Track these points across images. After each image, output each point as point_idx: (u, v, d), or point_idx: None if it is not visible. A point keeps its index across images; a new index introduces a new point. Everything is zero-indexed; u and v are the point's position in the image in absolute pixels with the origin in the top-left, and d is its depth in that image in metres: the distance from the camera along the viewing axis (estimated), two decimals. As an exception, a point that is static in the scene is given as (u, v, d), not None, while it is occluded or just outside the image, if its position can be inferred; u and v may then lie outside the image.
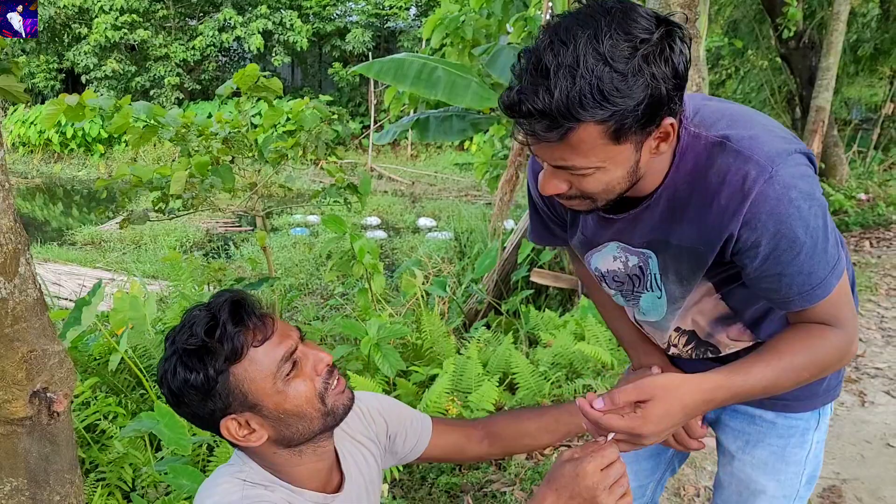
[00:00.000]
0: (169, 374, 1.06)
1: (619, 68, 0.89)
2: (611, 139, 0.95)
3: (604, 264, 1.26)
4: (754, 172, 1.01)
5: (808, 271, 1.04)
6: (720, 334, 1.25)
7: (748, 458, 1.34)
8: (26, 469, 1.69)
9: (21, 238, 1.59)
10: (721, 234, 1.05)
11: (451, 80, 5.71)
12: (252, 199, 4.02)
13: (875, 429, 3.04)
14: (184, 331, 1.05)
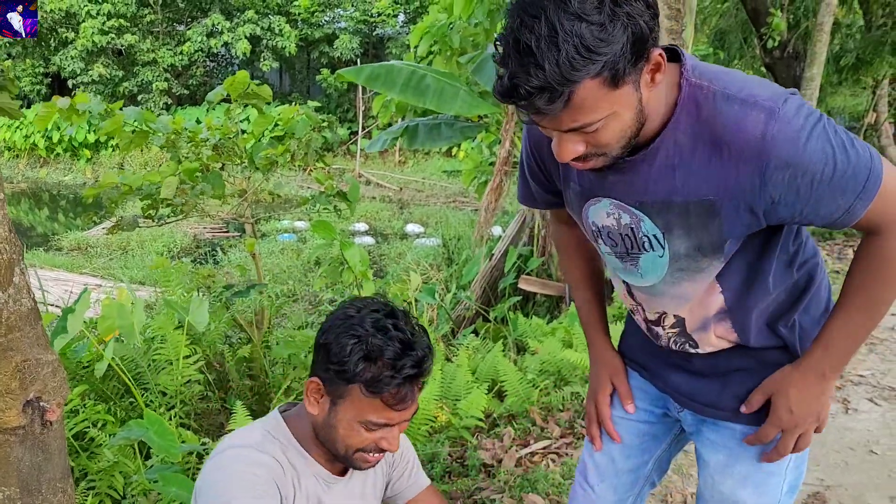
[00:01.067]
0: (344, 335, 1.24)
1: (595, 20, 0.92)
2: (610, 87, 0.97)
3: (599, 219, 1.26)
4: (764, 116, 1.03)
5: (851, 173, 1.05)
6: (708, 331, 1.27)
7: (729, 472, 1.36)
8: (18, 478, 1.69)
9: (15, 248, 1.60)
10: (749, 183, 1.06)
11: (440, 88, 5.74)
12: (241, 205, 4.02)
13: (858, 436, 3.08)
14: (386, 337, 1.23)
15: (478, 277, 6.12)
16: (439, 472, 2.67)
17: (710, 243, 1.15)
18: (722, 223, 1.12)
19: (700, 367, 1.34)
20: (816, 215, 1.09)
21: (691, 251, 1.17)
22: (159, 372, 3.34)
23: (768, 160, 1.03)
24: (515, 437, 2.93)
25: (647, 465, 1.53)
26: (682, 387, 1.38)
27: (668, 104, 1.09)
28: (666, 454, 1.56)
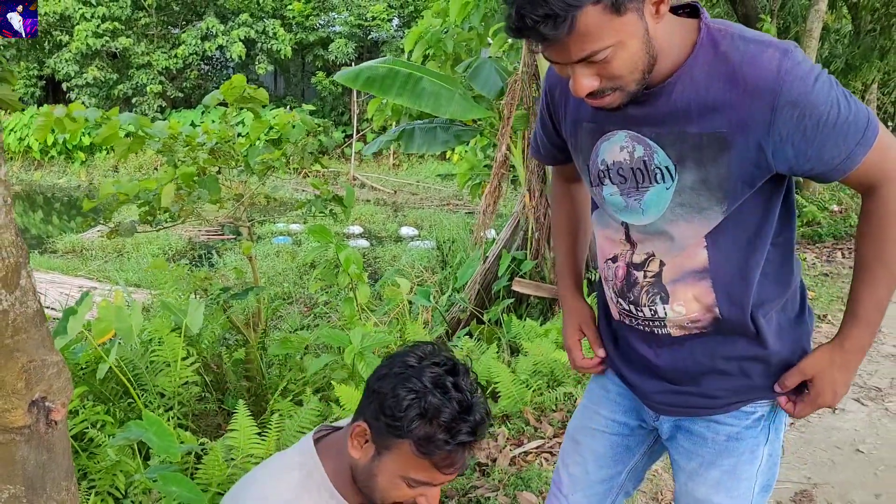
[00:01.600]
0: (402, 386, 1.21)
1: None
2: (613, 13, 1.03)
3: (610, 155, 1.29)
4: (779, 54, 1.11)
5: (853, 120, 1.13)
6: (684, 287, 1.29)
7: (702, 479, 1.40)
8: (24, 477, 1.73)
9: (22, 251, 1.64)
10: (761, 117, 1.12)
11: (436, 92, 5.79)
12: (238, 209, 4.06)
13: (845, 435, 3.15)
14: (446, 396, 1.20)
15: (472, 280, 6.17)
16: None
17: (718, 178, 1.18)
18: (731, 158, 1.16)
19: (667, 365, 1.36)
20: (819, 159, 1.15)
21: (697, 184, 1.20)
22: (157, 373, 3.38)
23: (780, 94, 1.10)
24: (509, 436, 2.98)
25: (621, 475, 1.57)
26: (657, 396, 1.41)
27: (688, 45, 1.16)
28: (640, 465, 1.59)
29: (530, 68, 5.45)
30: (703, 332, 1.32)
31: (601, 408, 1.56)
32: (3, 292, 1.58)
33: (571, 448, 1.60)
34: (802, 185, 9.03)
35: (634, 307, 1.35)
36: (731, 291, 1.28)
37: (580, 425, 1.61)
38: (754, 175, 1.18)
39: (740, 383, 1.34)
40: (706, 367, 1.34)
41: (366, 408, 1.28)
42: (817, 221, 7.88)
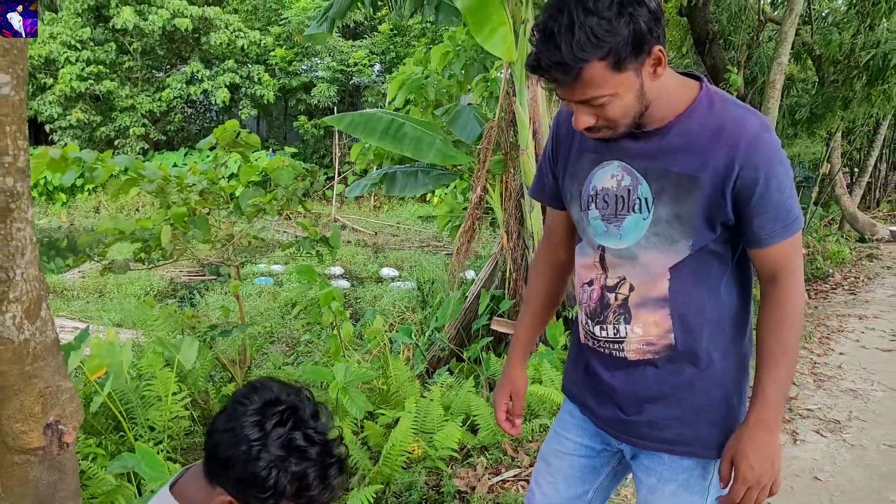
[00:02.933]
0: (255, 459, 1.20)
1: (605, 15, 1.21)
2: (613, 70, 1.25)
3: (601, 182, 1.48)
4: (760, 123, 1.35)
5: (786, 209, 1.36)
6: (646, 312, 1.46)
7: (660, 492, 1.55)
8: (35, 496, 1.86)
9: (43, 286, 1.80)
10: (727, 166, 1.33)
11: (418, 137, 5.99)
12: (227, 249, 4.22)
13: (804, 464, 3.32)
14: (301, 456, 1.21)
15: (451, 319, 6.32)
16: (416, 498, 2.84)
17: (689, 214, 1.38)
18: (700, 198, 1.36)
19: (621, 387, 1.53)
20: (751, 222, 1.37)
21: (672, 218, 1.39)
22: (148, 407, 3.49)
23: (751, 153, 1.32)
24: (488, 465, 3.12)
25: (588, 493, 1.73)
26: (614, 424, 1.58)
27: (688, 100, 1.39)
28: (606, 484, 1.75)
29: (507, 115, 5.68)
30: (656, 356, 1.49)
31: (569, 432, 1.73)
32: (26, 322, 1.74)
33: (544, 469, 1.77)
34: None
35: (600, 327, 1.53)
36: (685, 323, 1.46)
37: (551, 448, 1.77)
38: (714, 217, 1.38)
39: (688, 425, 1.50)
40: (654, 393, 1.51)
41: (215, 474, 1.27)
42: (784, 264, 8.14)
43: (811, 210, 11.19)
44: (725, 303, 1.48)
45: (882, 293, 7.12)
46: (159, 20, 17.04)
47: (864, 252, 9.57)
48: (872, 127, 12.12)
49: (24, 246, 1.71)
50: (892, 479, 3.18)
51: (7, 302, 1.69)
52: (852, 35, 8.95)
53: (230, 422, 1.24)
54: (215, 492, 1.28)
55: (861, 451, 3.46)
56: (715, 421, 1.49)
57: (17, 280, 1.70)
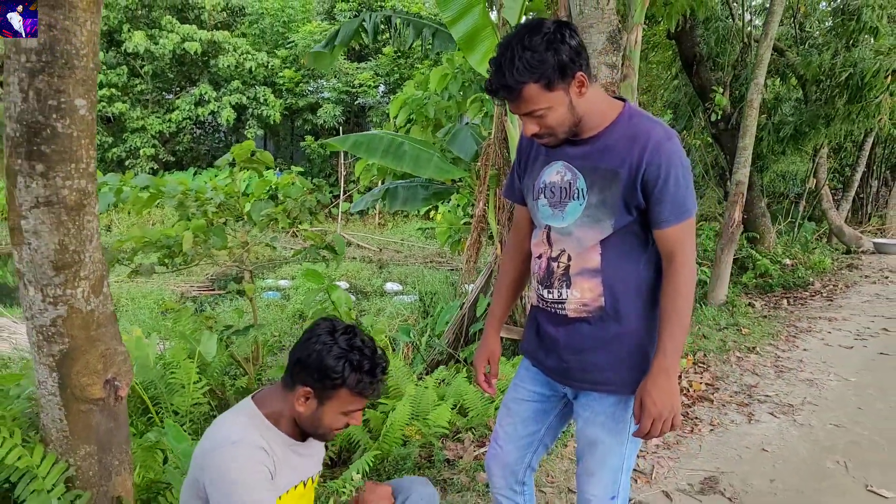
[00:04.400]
0: (330, 356, 1.73)
1: (537, 50, 1.65)
2: (545, 89, 1.69)
3: (549, 177, 1.92)
4: (663, 133, 1.79)
5: (681, 200, 1.78)
6: (582, 280, 1.88)
7: (592, 422, 1.97)
8: (97, 438, 2.29)
9: (105, 267, 2.23)
10: (638, 163, 1.77)
11: (416, 154, 6.42)
12: (243, 255, 4.65)
13: (755, 439, 3.72)
14: (361, 354, 1.75)
15: (450, 325, 6.73)
16: (411, 465, 3.25)
17: (612, 199, 1.81)
18: (619, 187, 1.80)
19: (563, 339, 1.94)
20: (653, 208, 1.80)
21: (599, 203, 1.83)
22: (173, 394, 3.90)
23: (655, 154, 1.75)
24: (474, 439, 3.53)
25: (540, 431, 2.16)
26: (557, 370, 2.01)
27: (613, 115, 1.83)
28: (555, 424, 2.18)
29: (501, 133, 6.11)
30: (589, 315, 1.91)
31: (524, 382, 2.16)
32: (92, 296, 2.19)
33: (505, 412, 2.19)
34: (757, 240, 9.75)
35: (547, 291, 1.96)
36: (613, 290, 1.89)
37: (510, 397, 2.20)
38: (629, 202, 1.81)
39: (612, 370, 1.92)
40: (587, 344, 1.92)
41: (298, 376, 1.77)
42: (769, 274, 8.54)
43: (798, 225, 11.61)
44: (643, 276, 1.91)
45: (857, 299, 7.51)
46: (170, 44, 17.64)
47: (845, 262, 9.96)
48: (858, 144, 12.56)
49: (92, 234, 2.14)
50: (832, 451, 3.58)
51: (78, 279, 2.12)
52: (832, 56, 9.38)
53: (308, 336, 1.78)
54: (295, 391, 1.77)
55: (808, 429, 3.85)
56: (633, 366, 1.91)
57: (87, 261, 2.13)
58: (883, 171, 15.99)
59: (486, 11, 5.23)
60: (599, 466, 1.98)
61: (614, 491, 1.99)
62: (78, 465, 2.26)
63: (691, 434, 3.78)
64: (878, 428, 3.88)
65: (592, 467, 1.99)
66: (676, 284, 1.82)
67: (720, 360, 5.10)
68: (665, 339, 1.82)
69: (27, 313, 2.15)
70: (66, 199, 2.03)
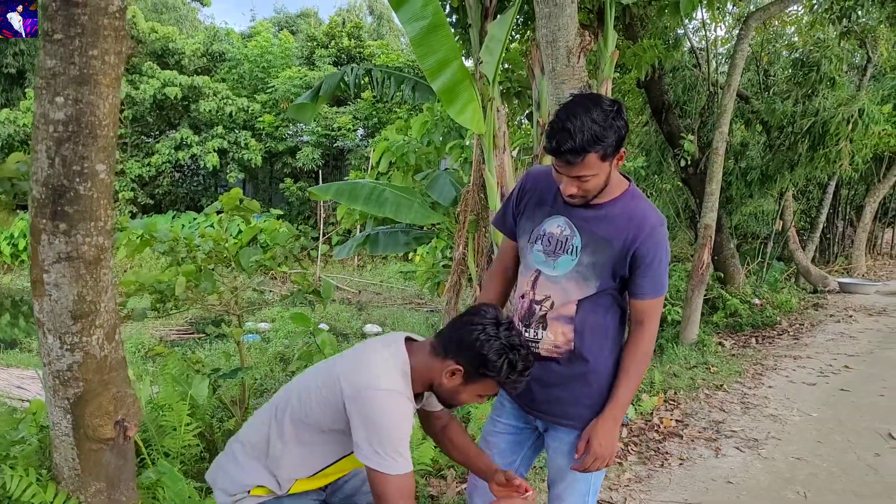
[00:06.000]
0: (494, 350, 1.87)
1: (602, 125, 1.86)
2: (601, 160, 1.90)
3: (549, 228, 2.13)
4: (657, 219, 2.05)
5: (660, 278, 2.07)
6: (558, 324, 2.10)
7: (559, 451, 2.21)
8: (106, 476, 2.45)
9: (118, 316, 2.42)
10: (633, 242, 2.02)
11: (398, 200, 6.66)
12: (231, 300, 4.82)
13: (722, 472, 3.93)
14: (520, 355, 1.90)
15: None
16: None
17: (601, 264, 2.06)
18: (610, 255, 2.04)
19: (535, 373, 2.12)
20: (636, 281, 2.06)
21: (589, 264, 2.07)
22: (164, 436, 4.03)
23: (648, 236, 2.03)
24: (456, 476, 3.70)
25: (516, 462, 2.37)
26: (530, 402, 2.23)
27: (619, 191, 2.10)
28: (528, 454, 2.40)
29: (479, 181, 6.37)
30: (560, 356, 2.14)
31: (501, 417, 2.38)
32: (106, 343, 2.37)
33: (483, 445, 2.40)
34: (726, 280, 10.07)
35: (525, 329, 2.17)
36: (583, 336, 2.12)
37: (488, 430, 2.41)
38: (616, 271, 2.07)
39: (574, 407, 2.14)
40: (555, 381, 2.15)
41: (453, 351, 1.90)
42: (739, 313, 8.83)
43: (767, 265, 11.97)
44: (611, 325, 2.16)
45: (822, 338, 7.81)
46: (150, 89, 17.90)
47: (811, 301, 10.30)
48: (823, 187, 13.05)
49: (107, 286, 2.34)
50: (793, 482, 3.80)
51: (94, 327, 2.31)
52: (794, 104, 9.84)
53: (474, 318, 1.92)
54: (447, 361, 1.91)
55: (771, 462, 4.08)
56: (590, 405, 2.15)
57: (102, 311, 2.32)
58: (848, 212, 16.55)
59: (464, 66, 5.52)
60: (569, 493, 2.20)
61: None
62: (89, 501, 2.42)
63: (662, 468, 3.98)
64: (836, 460, 4.11)
65: (562, 493, 2.22)
66: (641, 346, 2.09)
67: (690, 397, 5.33)
68: (620, 391, 2.09)
69: (45, 360, 2.33)
70: (86, 254, 2.23)
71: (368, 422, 1.80)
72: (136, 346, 10.75)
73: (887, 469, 3.98)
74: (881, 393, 5.50)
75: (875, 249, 18.06)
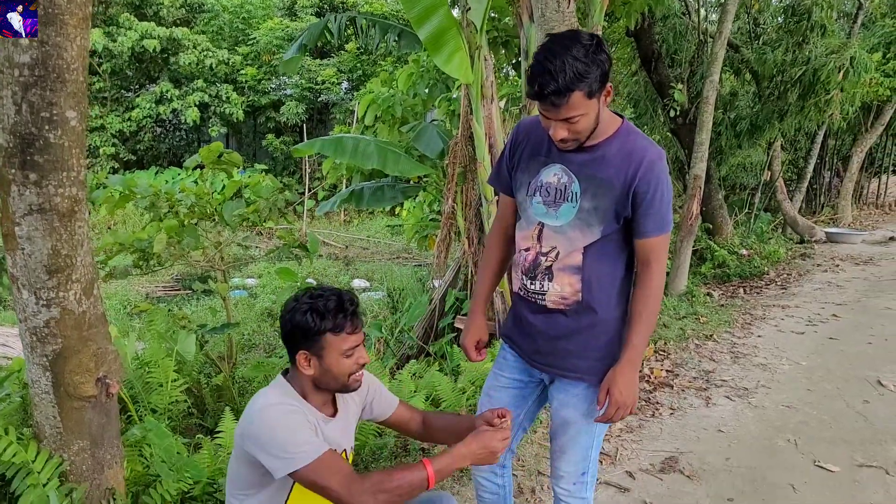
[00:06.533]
0: (298, 312, 1.83)
1: (584, 61, 1.77)
2: (587, 97, 1.81)
3: (546, 178, 2.05)
4: (656, 153, 1.95)
5: (663, 215, 1.96)
6: (564, 275, 2.04)
7: (564, 404, 2.15)
8: (89, 434, 2.39)
9: (95, 270, 2.33)
10: (633, 178, 1.93)
11: (384, 153, 6.54)
12: (216, 255, 4.73)
13: (712, 421, 3.94)
14: (323, 298, 1.84)
15: (419, 320, 6.88)
16: (387, 455, 3.39)
17: (603, 207, 1.97)
18: (611, 196, 1.96)
19: (542, 326, 2.10)
20: (639, 219, 1.97)
21: (590, 209, 1.99)
22: (151, 392, 3.98)
23: (647, 171, 1.93)
24: (447, 429, 3.68)
25: (520, 416, 2.32)
26: (535, 355, 2.17)
27: (614, 128, 2.00)
28: (532, 408, 2.35)
29: (467, 132, 6.25)
30: (567, 307, 2.07)
31: (504, 371, 2.31)
32: (84, 298, 2.29)
33: (486, 400, 2.35)
34: (715, 231, 10.07)
35: (530, 281, 2.11)
36: (590, 286, 2.05)
37: (490, 384, 2.35)
38: (619, 212, 1.98)
39: (582, 359, 2.09)
40: (562, 333, 2.09)
41: (293, 345, 1.88)
42: (726, 264, 8.84)
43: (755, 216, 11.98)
44: (618, 274, 2.08)
45: (809, 287, 7.84)
46: (128, 42, 17.43)
47: (798, 252, 10.33)
48: (811, 137, 12.99)
49: (83, 239, 2.24)
50: (783, 430, 3.81)
51: (71, 282, 2.22)
52: (784, 53, 9.71)
53: (284, 313, 1.89)
54: (297, 359, 1.88)
55: (762, 410, 4.09)
56: (599, 357, 2.08)
57: (78, 265, 2.23)
58: (835, 163, 16.55)
59: (451, 13, 5.35)
60: (571, 445, 2.15)
61: (584, 467, 2.17)
62: (72, 459, 2.36)
63: (653, 418, 3.98)
64: (826, 407, 4.13)
65: (565, 446, 2.17)
66: (650, 288, 2.00)
67: (680, 347, 5.34)
68: (633, 335, 2.01)
69: (20, 315, 2.25)
70: (59, 206, 2.13)
71: (262, 441, 1.77)
72: (123, 302, 10.69)
73: (876, 416, 4.01)
74: (869, 341, 5.53)
75: (861, 199, 18.12)
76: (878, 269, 9.04)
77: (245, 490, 1.88)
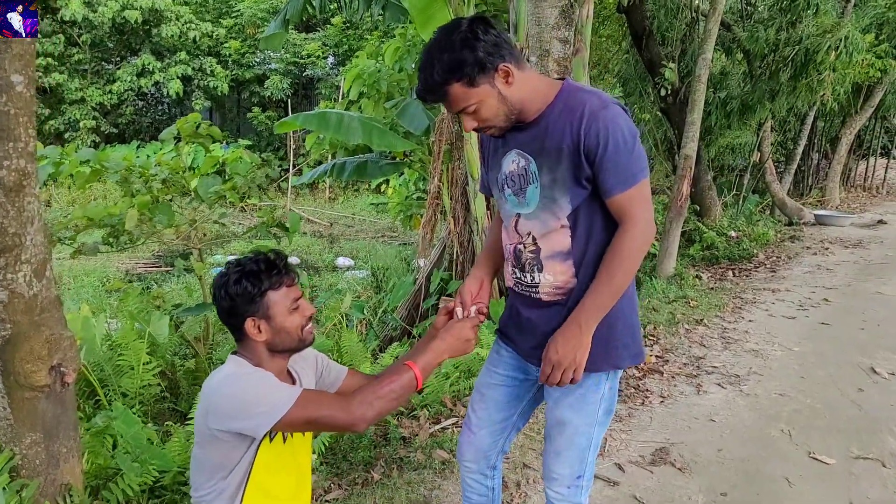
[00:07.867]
0: (231, 282, 1.76)
1: (450, 50, 1.67)
2: (468, 86, 1.70)
3: (507, 167, 1.92)
4: (599, 102, 1.75)
5: (624, 166, 1.74)
6: (554, 263, 1.88)
7: (560, 404, 1.99)
8: (43, 426, 2.22)
9: (48, 251, 2.15)
10: (578, 136, 1.75)
11: (369, 128, 6.36)
12: (191, 233, 4.54)
13: (703, 409, 3.82)
14: (252, 262, 1.78)
15: (403, 301, 6.73)
16: (367, 444, 3.25)
17: (561, 177, 1.80)
18: (565, 162, 1.78)
19: (538, 320, 1.94)
20: (599, 177, 1.77)
21: (551, 182, 1.82)
22: (122, 376, 3.81)
23: (591, 125, 1.72)
24: (429, 417, 3.54)
25: (514, 416, 2.17)
26: (531, 352, 1.99)
27: (553, 95, 1.81)
28: (527, 407, 2.20)
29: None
30: (563, 297, 1.91)
31: (498, 367, 2.16)
32: (34, 280, 2.11)
33: (478, 398, 2.19)
34: (703, 213, 9.96)
35: (522, 273, 1.96)
36: (585, 268, 1.87)
37: (483, 381, 2.20)
38: (579, 175, 1.80)
39: None
40: (559, 325, 1.91)
41: (236, 320, 1.80)
42: (715, 246, 8.73)
43: (744, 198, 11.88)
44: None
45: (799, 270, 7.74)
46: (109, 12, 16.98)
47: (787, 234, 10.24)
48: (801, 118, 12.87)
49: (33, 216, 2.06)
50: (776, 419, 3.70)
51: (20, 263, 2.04)
52: (776, 31, 9.54)
53: (213, 295, 1.84)
54: (245, 328, 1.79)
55: (754, 398, 3.98)
56: (598, 342, 1.91)
57: (28, 245, 2.05)
58: (823, 145, 16.47)
59: (438, -16, 5.16)
60: (567, 446, 2.00)
61: (581, 470, 2.01)
62: (24, 453, 2.20)
63: (643, 406, 3.86)
64: (819, 396, 4.02)
65: (561, 447, 2.01)
66: (616, 247, 1.80)
67: (669, 332, 5.21)
68: (589, 294, 1.83)
69: (-35, 299, 2.06)
70: (4, 179, 1.94)
71: (232, 409, 1.69)
72: (101, 279, 10.47)
73: (871, 404, 3.91)
74: (861, 326, 5.44)
75: (849, 182, 18.09)
76: (867, 253, 8.97)
77: (210, 479, 1.78)
